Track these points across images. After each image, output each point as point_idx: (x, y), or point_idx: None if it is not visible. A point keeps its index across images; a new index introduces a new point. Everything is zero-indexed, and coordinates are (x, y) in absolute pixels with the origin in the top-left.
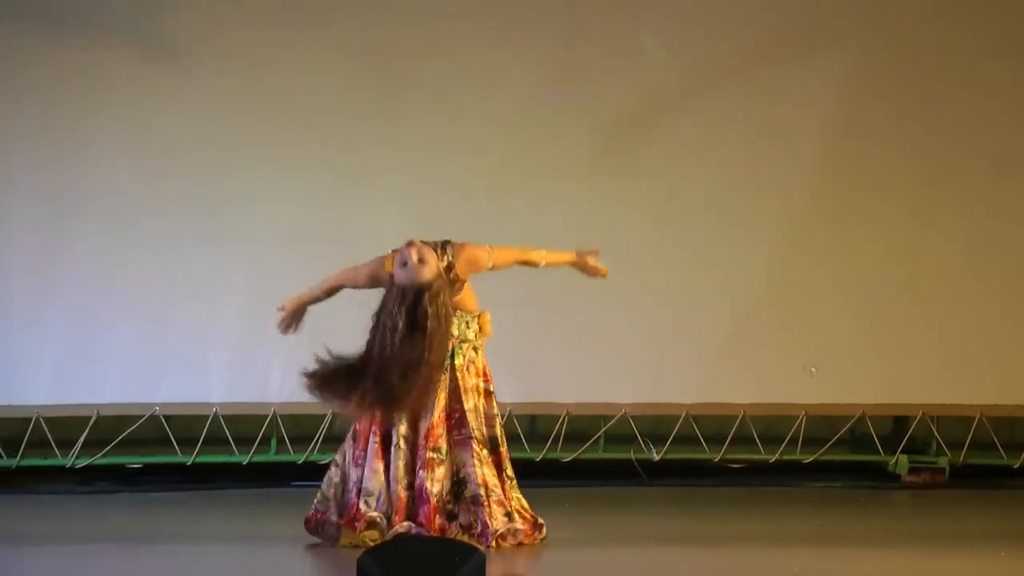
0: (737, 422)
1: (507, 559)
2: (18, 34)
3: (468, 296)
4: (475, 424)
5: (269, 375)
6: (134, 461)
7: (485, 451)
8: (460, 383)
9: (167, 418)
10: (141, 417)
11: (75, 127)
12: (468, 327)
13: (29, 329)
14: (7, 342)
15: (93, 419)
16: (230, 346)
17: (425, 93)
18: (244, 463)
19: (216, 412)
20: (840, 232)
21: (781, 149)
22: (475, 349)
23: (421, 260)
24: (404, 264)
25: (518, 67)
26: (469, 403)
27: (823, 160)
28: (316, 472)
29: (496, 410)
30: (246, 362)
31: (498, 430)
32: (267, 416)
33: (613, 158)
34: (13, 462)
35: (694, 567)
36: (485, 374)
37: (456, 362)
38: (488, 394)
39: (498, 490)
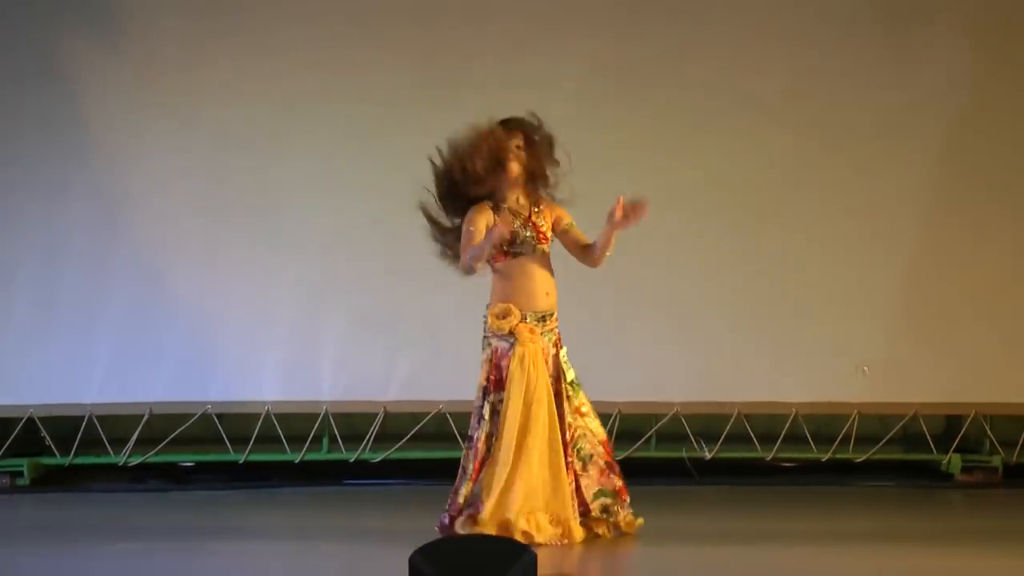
0: (789, 421)
1: (557, 557)
2: (69, 35)
3: None
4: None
5: (321, 373)
6: (186, 459)
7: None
8: None
9: (219, 416)
10: (193, 415)
11: (126, 129)
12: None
13: (82, 328)
14: (60, 341)
15: (145, 417)
16: (282, 345)
17: (478, 92)
18: (296, 461)
19: (268, 410)
20: (891, 231)
21: (830, 151)
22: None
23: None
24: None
25: (571, 65)
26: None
27: (870, 161)
28: (368, 470)
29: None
30: (298, 361)
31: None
32: (319, 414)
33: (662, 156)
34: (66, 460)
35: (746, 566)
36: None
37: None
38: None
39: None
